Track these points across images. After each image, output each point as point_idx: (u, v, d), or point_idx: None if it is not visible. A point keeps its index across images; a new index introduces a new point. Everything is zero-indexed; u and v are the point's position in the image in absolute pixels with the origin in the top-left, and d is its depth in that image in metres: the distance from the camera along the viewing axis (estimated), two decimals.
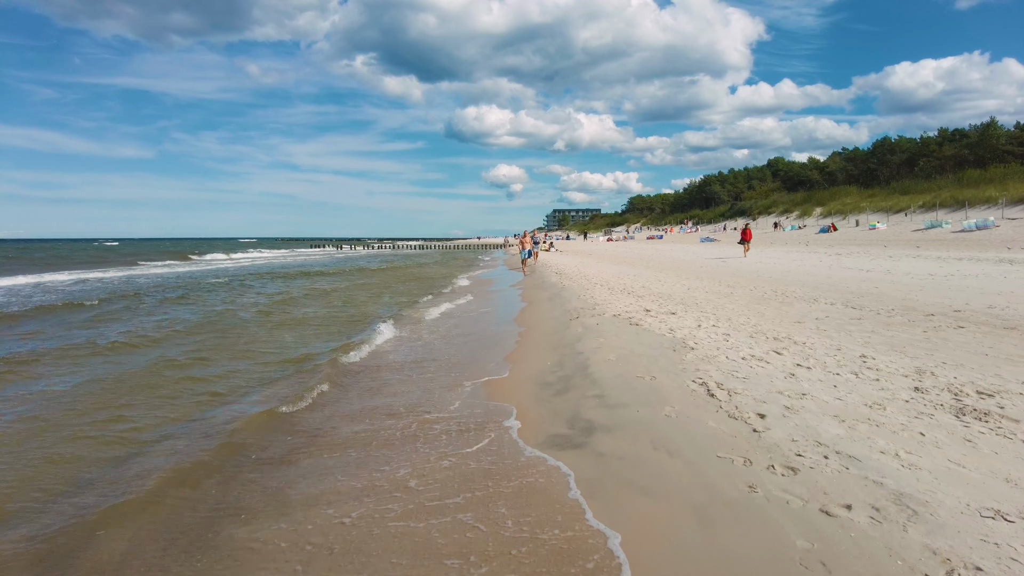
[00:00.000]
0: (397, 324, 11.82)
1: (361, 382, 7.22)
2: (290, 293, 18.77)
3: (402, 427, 5.41)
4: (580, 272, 21.07)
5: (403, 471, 4.36)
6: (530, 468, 4.23)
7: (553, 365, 7.13)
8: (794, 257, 25.60)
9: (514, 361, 7.78)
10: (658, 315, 9.78)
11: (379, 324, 11.62)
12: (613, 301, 11.88)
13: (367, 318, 13.10)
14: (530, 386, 6.40)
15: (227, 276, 28.22)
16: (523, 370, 7.18)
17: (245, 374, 7.68)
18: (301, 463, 4.66)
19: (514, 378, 6.87)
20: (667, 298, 12.30)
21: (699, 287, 14.84)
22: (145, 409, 6.14)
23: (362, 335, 10.64)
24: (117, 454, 4.92)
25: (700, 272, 19.93)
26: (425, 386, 6.88)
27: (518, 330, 10.27)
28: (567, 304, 12.08)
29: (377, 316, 13.63)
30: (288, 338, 10.48)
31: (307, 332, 11.23)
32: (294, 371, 7.83)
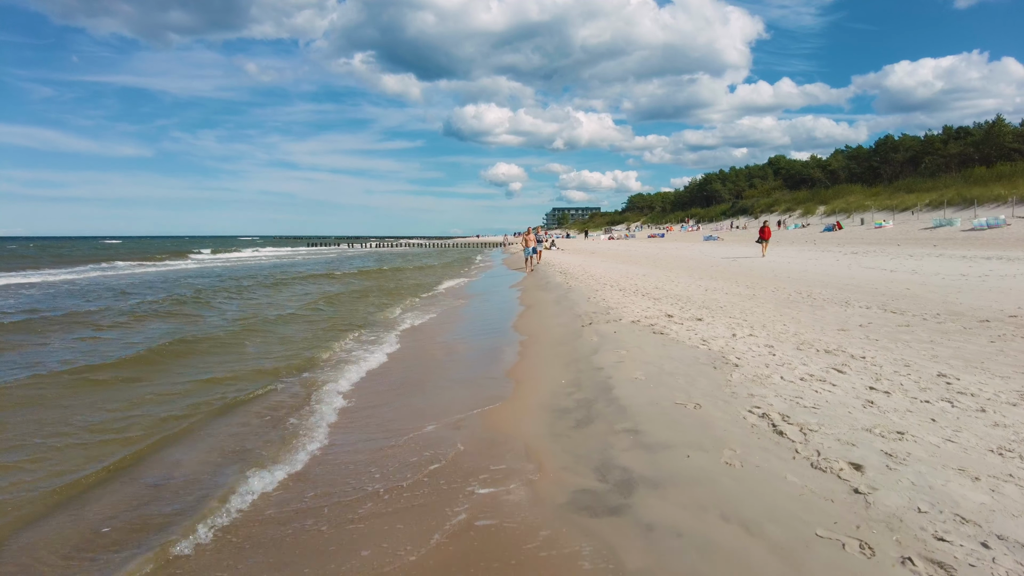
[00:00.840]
0: (381, 338, 10.23)
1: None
2: (258, 302, 15.99)
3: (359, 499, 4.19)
4: (586, 271, 19.86)
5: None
6: (552, 550, 3.02)
7: (568, 385, 5.92)
8: (807, 256, 24.41)
9: (519, 379, 6.56)
10: (683, 321, 8.57)
11: (374, 347, 9.35)
12: (628, 304, 10.67)
13: (356, 324, 11.87)
14: (541, 414, 5.18)
15: (207, 279, 25.53)
16: (531, 391, 5.96)
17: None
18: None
19: (521, 401, 5.65)
20: (686, 301, 11.09)
21: (717, 288, 13.64)
22: None
23: (360, 339, 9.38)
24: None
25: (713, 272, 18.73)
26: (402, 425, 5.67)
27: (521, 338, 9.06)
28: (577, 308, 10.86)
29: (367, 322, 12.44)
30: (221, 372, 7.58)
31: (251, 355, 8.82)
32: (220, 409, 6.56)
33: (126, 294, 18.66)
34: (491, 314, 13.48)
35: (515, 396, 5.89)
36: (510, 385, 6.30)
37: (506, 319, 11.50)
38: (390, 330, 10.94)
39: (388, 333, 10.59)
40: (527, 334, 9.42)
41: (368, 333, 10.68)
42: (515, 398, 5.82)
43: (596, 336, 7.90)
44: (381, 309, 14.18)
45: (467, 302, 15.72)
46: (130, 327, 11.66)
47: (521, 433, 4.74)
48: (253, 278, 25.82)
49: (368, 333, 10.68)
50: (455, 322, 12.16)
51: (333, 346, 9.30)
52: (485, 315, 13.46)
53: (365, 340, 9.95)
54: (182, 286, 21.58)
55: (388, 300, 16.25)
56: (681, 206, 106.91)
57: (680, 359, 6.24)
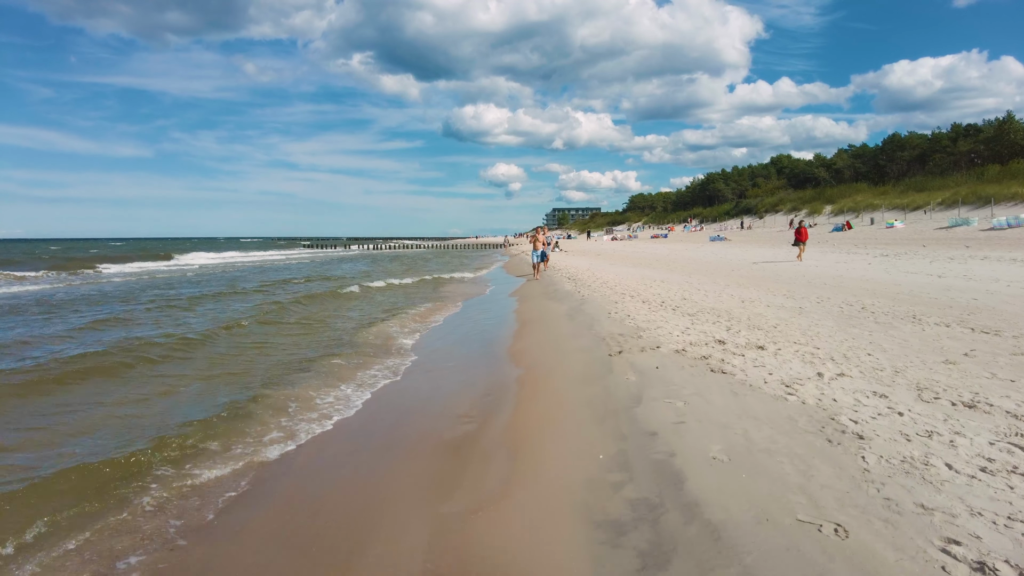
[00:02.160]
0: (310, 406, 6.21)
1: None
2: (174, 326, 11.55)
3: None
4: (596, 276, 17.90)
5: None
6: None
7: (611, 464, 3.95)
8: (833, 259, 22.45)
9: (527, 442, 4.62)
10: (741, 351, 6.62)
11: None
12: (660, 322, 8.72)
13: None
14: (573, 530, 3.21)
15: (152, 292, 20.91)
16: (552, 470, 4.01)
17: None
18: None
19: (536, 494, 3.70)
20: (728, 317, 9.14)
21: (754, 299, 11.70)
22: None
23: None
24: None
25: (739, 277, 16.77)
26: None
27: (519, 372, 7.11)
28: (597, 326, 8.89)
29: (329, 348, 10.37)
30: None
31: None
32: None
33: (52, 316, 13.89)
34: (498, 334, 11.55)
35: (526, 478, 3.94)
36: (513, 461, 4.33)
37: (503, 336, 9.54)
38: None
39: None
40: (534, 362, 7.46)
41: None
42: (526, 483, 3.87)
43: (633, 373, 5.95)
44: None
45: (476, 314, 13.75)
46: None
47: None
48: (240, 280, 23.01)
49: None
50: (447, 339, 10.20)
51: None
52: (492, 337, 11.51)
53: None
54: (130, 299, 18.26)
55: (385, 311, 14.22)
56: (683, 206, 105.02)
57: (769, 420, 4.30)
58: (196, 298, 17.74)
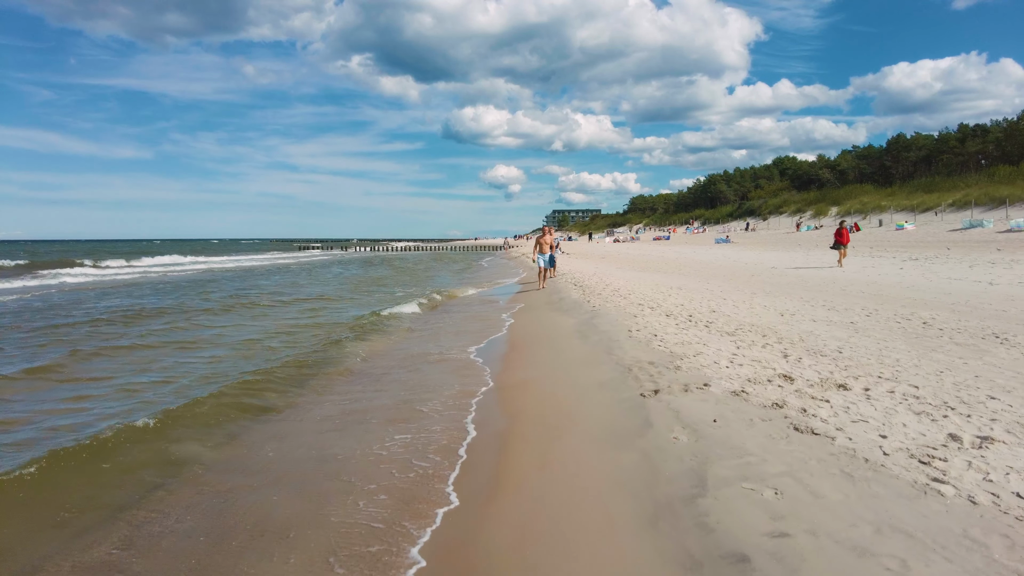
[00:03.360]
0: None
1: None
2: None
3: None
4: (603, 282, 16.19)
5: None
6: None
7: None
8: (858, 263, 20.73)
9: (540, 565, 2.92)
10: (819, 392, 4.90)
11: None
12: (694, 343, 7.01)
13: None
14: None
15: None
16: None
17: None
18: None
19: None
20: (776, 337, 7.43)
21: (793, 311, 9.99)
22: None
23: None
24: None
25: (763, 284, 15.07)
26: None
27: (513, 427, 5.40)
28: (618, 350, 7.16)
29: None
30: None
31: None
32: None
33: None
34: (490, 366, 9.80)
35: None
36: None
37: (492, 359, 7.83)
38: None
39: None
40: (534, 405, 5.75)
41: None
42: None
43: (681, 427, 4.25)
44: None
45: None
46: None
47: None
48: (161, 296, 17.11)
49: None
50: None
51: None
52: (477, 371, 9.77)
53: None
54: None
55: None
56: (684, 207, 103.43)
57: (935, 541, 2.59)
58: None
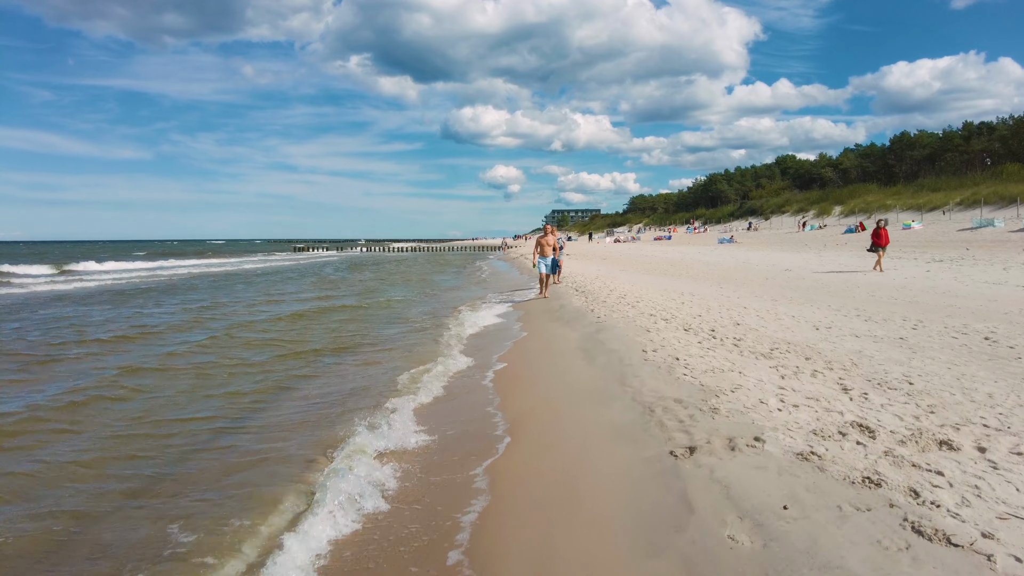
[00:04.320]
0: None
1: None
2: None
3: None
4: (607, 287, 14.84)
5: None
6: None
7: None
8: (889, 264, 19.42)
9: None
10: (918, 453, 3.56)
11: None
12: (727, 369, 5.65)
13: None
14: None
15: None
16: None
17: None
18: None
19: None
20: (824, 361, 6.08)
21: (830, 323, 8.64)
22: None
23: None
24: None
25: (782, 289, 13.70)
26: None
27: (495, 505, 4.08)
28: (632, 376, 5.79)
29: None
30: None
31: None
32: None
33: None
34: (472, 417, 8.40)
35: None
36: None
37: (471, 390, 6.48)
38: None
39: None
40: (528, 467, 4.42)
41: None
42: None
43: (738, 520, 2.90)
44: None
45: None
46: None
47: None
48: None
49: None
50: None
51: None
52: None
53: None
54: None
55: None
56: (684, 207, 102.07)
57: None
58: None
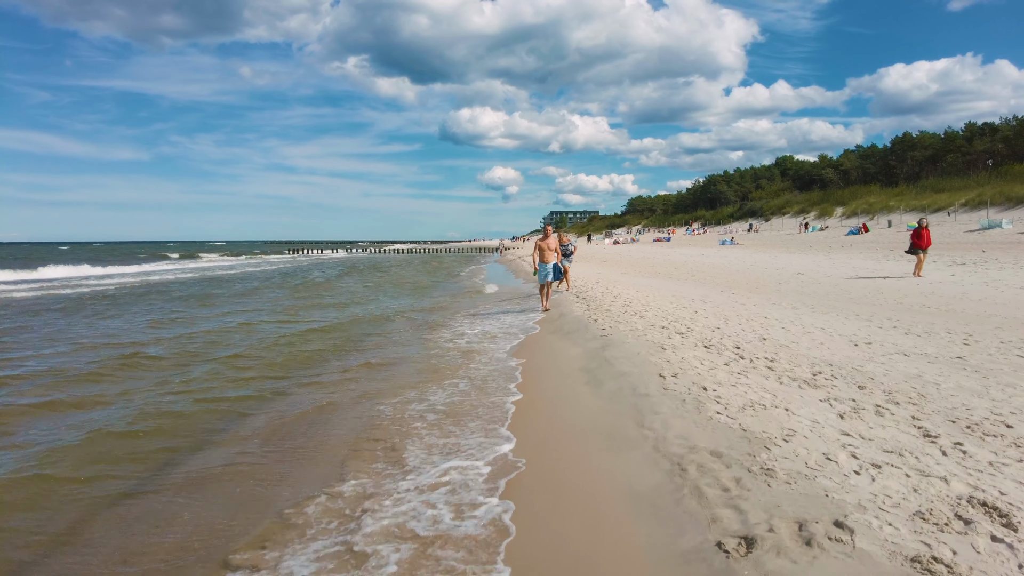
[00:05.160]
0: None
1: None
2: None
3: None
4: (610, 292, 13.69)
5: None
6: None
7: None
8: (893, 268, 18.30)
9: None
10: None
11: None
12: (770, 406, 4.51)
13: None
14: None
15: None
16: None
17: None
18: None
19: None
20: (883, 390, 4.94)
21: (869, 338, 7.51)
22: None
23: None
24: None
25: (800, 295, 12.57)
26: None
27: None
28: (651, 416, 4.63)
29: None
30: None
31: None
32: None
33: None
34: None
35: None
36: None
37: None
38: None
39: None
40: (517, 558, 3.29)
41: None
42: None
43: None
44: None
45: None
46: None
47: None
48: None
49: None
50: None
51: None
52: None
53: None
54: None
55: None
56: (683, 208, 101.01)
57: None
58: None
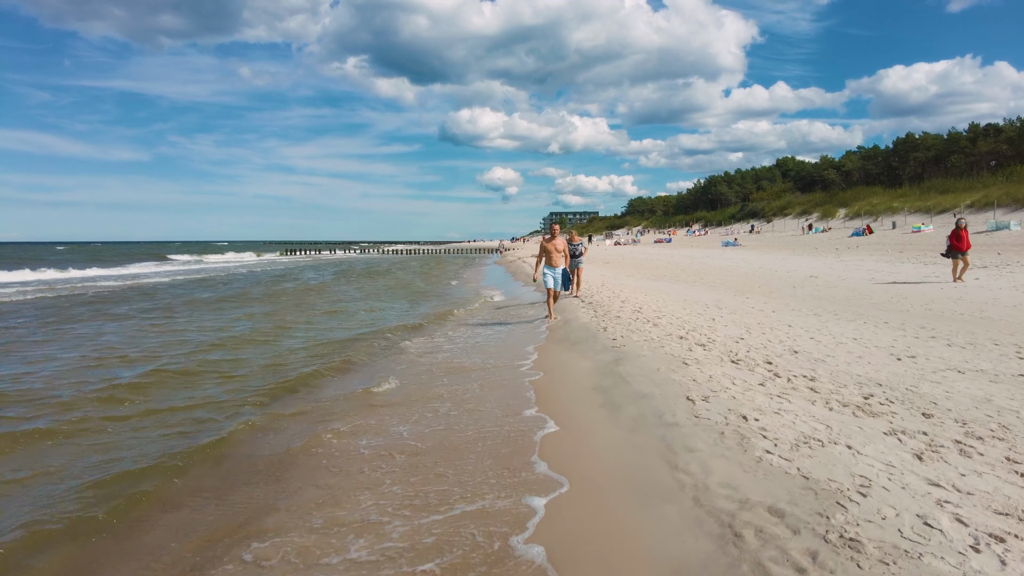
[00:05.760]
0: None
1: None
2: None
3: None
4: (618, 296, 12.93)
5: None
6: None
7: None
8: (910, 271, 17.56)
9: None
10: None
11: None
12: (827, 441, 3.75)
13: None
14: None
15: None
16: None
17: None
18: None
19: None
20: (949, 416, 4.18)
21: (911, 351, 6.75)
22: None
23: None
24: None
25: (819, 299, 11.81)
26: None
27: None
28: (685, 454, 3.85)
29: None
30: None
31: None
32: None
33: None
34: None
35: None
36: None
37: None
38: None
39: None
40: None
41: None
42: None
43: None
44: None
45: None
46: None
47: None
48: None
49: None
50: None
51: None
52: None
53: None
54: None
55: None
56: (684, 209, 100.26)
57: None
58: None
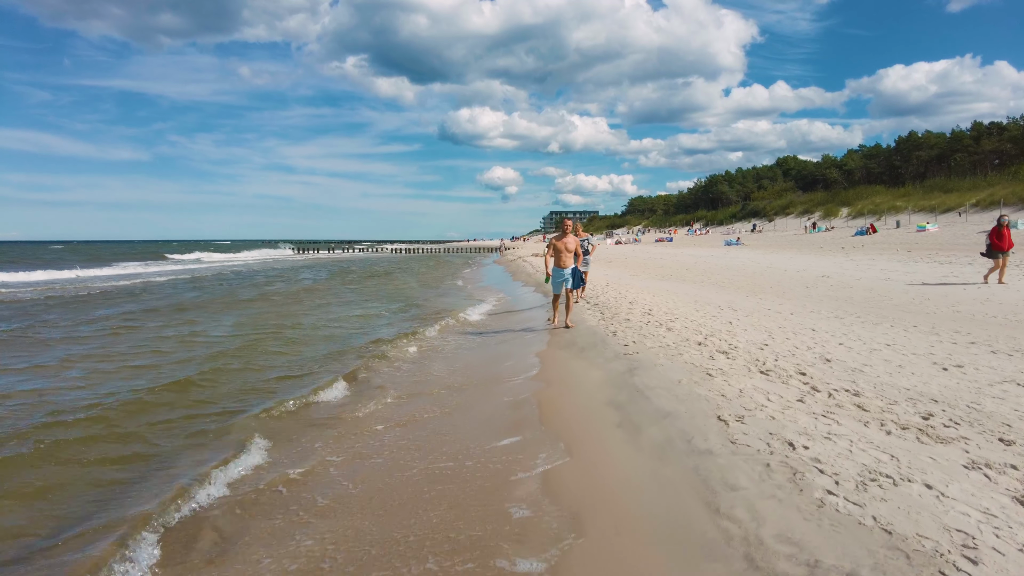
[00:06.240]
0: None
1: None
2: None
3: None
4: (625, 297, 12.26)
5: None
6: None
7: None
8: (927, 271, 16.90)
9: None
10: None
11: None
12: (898, 478, 3.09)
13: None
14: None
15: None
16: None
17: None
18: None
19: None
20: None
21: (956, 358, 6.08)
22: None
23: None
24: None
25: (837, 301, 11.14)
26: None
27: None
28: (727, 493, 3.16)
29: None
30: None
31: None
32: None
33: None
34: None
35: None
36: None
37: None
38: None
39: None
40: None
41: None
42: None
43: None
44: None
45: None
46: None
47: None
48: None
49: None
50: None
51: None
52: None
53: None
54: None
55: None
56: (684, 209, 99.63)
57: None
58: None
